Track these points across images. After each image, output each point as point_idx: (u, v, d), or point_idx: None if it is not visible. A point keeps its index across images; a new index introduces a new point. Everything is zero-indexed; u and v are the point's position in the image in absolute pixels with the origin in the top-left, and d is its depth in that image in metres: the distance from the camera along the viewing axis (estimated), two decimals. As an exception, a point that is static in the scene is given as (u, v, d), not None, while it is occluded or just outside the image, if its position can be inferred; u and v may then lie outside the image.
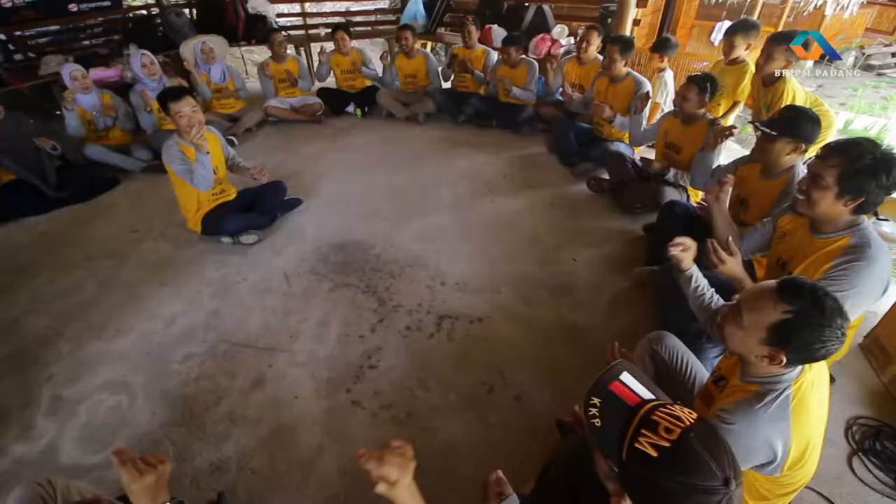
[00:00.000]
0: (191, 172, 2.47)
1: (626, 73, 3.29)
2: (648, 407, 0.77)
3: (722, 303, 1.56)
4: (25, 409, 1.84)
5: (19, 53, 4.51)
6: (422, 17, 5.85)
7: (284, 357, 2.03)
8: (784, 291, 1.01)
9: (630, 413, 0.77)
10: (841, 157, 1.41)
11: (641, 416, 0.75)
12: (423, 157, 3.86)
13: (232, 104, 4.31)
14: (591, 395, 0.81)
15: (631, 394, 0.80)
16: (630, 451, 0.73)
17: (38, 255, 2.72)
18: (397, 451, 0.93)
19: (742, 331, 1.07)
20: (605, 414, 0.79)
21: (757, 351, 1.05)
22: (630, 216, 2.94)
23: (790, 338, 0.99)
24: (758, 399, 1.04)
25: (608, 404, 0.79)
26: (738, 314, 1.08)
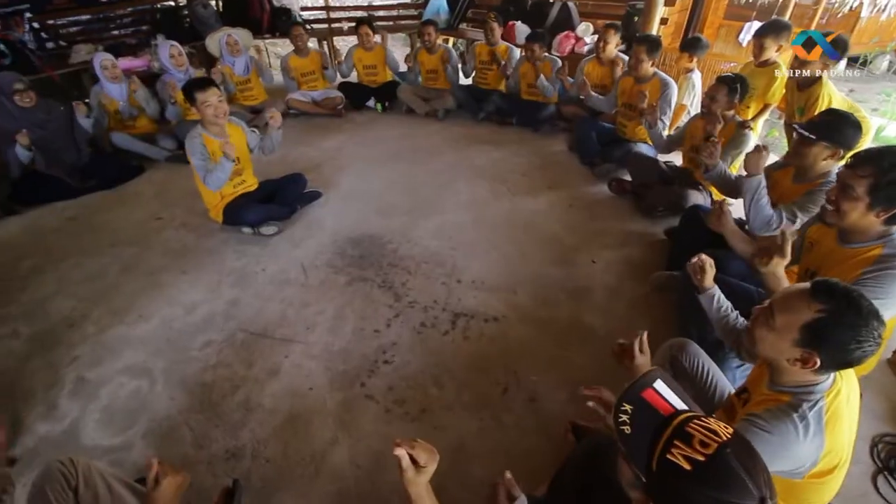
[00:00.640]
0: (206, 169, 2.51)
1: (653, 73, 3.22)
2: (682, 418, 0.75)
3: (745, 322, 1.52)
4: (50, 389, 1.90)
5: (51, 42, 4.63)
6: (445, 12, 5.82)
7: (300, 348, 2.05)
8: (817, 291, 0.99)
9: (662, 423, 0.75)
10: (872, 166, 1.35)
11: (675, 427, 0.73)
12: (442, 153, 3.85)
13: (255, 96, 4.37)
14: (622, 401, 0.79)
15: (664, 403, 0.78)
16: (661, 462, 0.71)
17: (66, 239, 2.80)
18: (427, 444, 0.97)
19: (774, 333, 1.04)
20: (636, 421, 0.77)
21: (789, 354, 1.02)
22: (651, 219, 2.89)
23: (824, 337, 0.96)
24: (792, 409, 1.02)
25: (639, 412, 0.78)
26: (769, 316, 1.05)
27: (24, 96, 2.99)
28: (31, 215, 3.04)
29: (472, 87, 4.59)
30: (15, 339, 2.13)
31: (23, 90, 2.98)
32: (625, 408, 0.79)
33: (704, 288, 1.57)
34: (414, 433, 1.70)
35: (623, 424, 0.78)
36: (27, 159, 3.03)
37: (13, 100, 2.96)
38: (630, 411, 0.78)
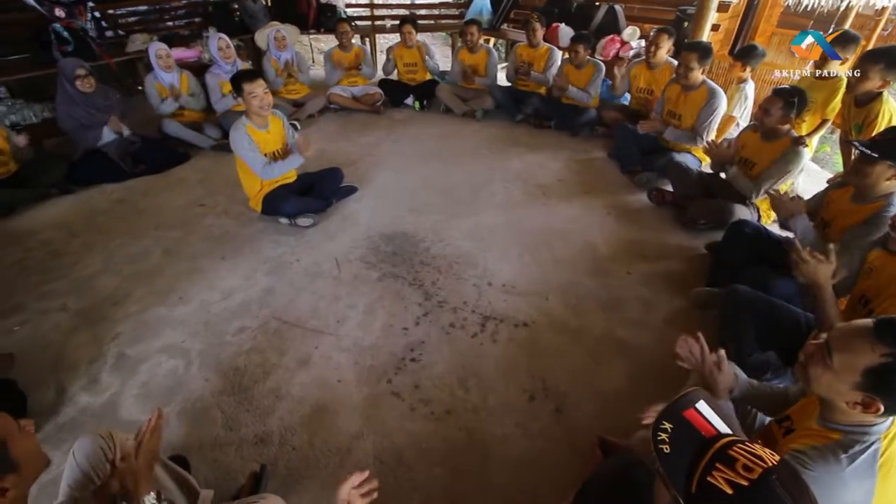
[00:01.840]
0: (261, 161, 2.58)
1: (702, 82, 3.11)
2: (725, 441, 0.72)
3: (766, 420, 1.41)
4: (93, 363, 1.99)
5: (110, 31, 4.85)
6: (488, 12, 5.80)
7: (330, 341, 2.08)
8: (883, 332, 0.91)
9: (704, 444, 0.72)
10: None
11: (717, 450, 0.71)
12: (478, 153, 3.84)
13: (297, 90, 4.46)
14: (662, 419, 0.76)
15: (706, 424, 0.75)
16: (701, 485, 0.68)
17: (115, 220, 2.93)
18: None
19: (831, 373, 0.97)
20: (676, 441, 0.74)
21: (848, 397, 0.95)
22: (692, 232, 2.79)
23: (891, 383, 0.90)
24: (842, 448, 0.95)
25: (680, 431, 0.75)
26: (826, 354, 0.98)
27: (85, 82, 3.15)
28: (84, 195, 3.19)
29: (512, 89, 4.55)
30: (63, 312, 2.24)
31: (84, 76, 3.14)
32: (664, 426, 0.76)
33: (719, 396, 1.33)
34: (438, 433, 1.71)
35: (662, 443, 0.75)
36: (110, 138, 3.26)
37: (75, 85, 3.12)
38: (670, 430, 0.76)
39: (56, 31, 4.14)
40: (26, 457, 0.81)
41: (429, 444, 1.67)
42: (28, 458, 0.81)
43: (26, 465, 0.80)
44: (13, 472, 0.77)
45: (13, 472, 0.77)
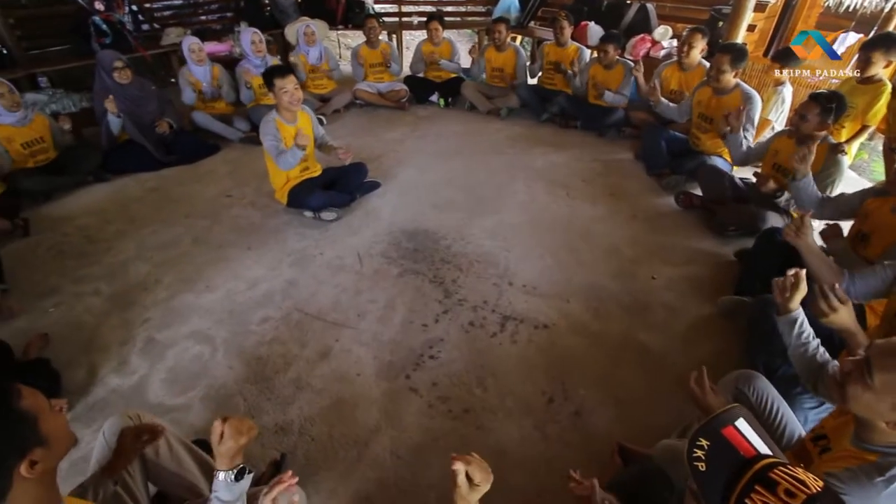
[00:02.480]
0: (278, 150, 2.61)
1: (735, 85, 3.02)
2: (766, 462, 0.69)
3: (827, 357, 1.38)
4: (124, 345, 2.05)
5: (146, 24, 4.99)
6: (516, 10, 5.74)
7: (351, 334, 2.10)
8: None
9: (743, 464, 0.70)
10: None
11: (757, 471, 0.68)
12: (502, 152, 3.81)
13: (324, 85, 4.51)
14: (699, 436, 0.74)
15: (745, 443, 0.73)
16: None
17: (147, 208, 3.02)
18: (484, 463, 0.94)
19: (871, 393, 0.93)
20: (713, 459, 0.72)
21: (889, 416, 0.91)
22: (721, 238, 2.72)
23: None
24: (878, 471, 0.91)
25: (717, 449, 0.72)
26: (866, 373, 0.95)
27: (122, 74, 3.24)
28: (118, 184, 3.30)
29: (538, 87, 4.50)
30: (97, 296, 2.32)
31: (121, 68, 3.24)
32: (701, 443, 0.74)
33: (788, 309, 1.41)
34: (455, 431, 1.71)
35: (697, 460, 0.73)
36: (117, 126, 3.29)
37: (113, 76, 3.22)
38: (707, 447, 0.73)
39: (95, 23, 4.28)
40: (55, 433, 0.84)
41: (446, 442, 1.67)
42: (57, 435, 0.85)
43: (55, 442, 0.84)
44: (42, 447, 0.81)
45: (42, 447, 0.81)
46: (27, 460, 0.78)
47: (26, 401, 0.81)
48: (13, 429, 0.78)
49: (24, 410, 0.80)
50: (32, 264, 2.52)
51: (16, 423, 0.78)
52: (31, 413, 0.81)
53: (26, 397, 0.82)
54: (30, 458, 0.78)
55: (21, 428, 0.79)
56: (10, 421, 0.78)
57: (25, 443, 0.79)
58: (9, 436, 0.77)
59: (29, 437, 0.79)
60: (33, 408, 0.81)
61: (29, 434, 0.79)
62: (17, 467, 0.77)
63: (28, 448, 0.79)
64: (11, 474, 0.77)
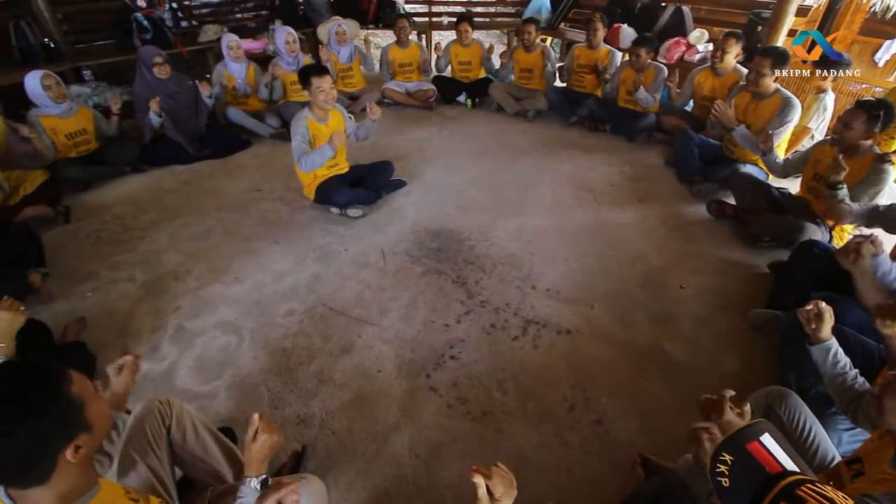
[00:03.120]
0: (303, 151, 2.66)
1: (774, 90, 2.92)
2: (792, 479, 0.67)
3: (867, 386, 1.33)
4: (155, 332, 2.12)
5: (185, 21, 5.14)
6: (546, 11, 5.70)
7: (373, 331, 2.12)
8: None
9: (768, 481, 0.68)
10: None
11: (783, 488, 0.66)
12: (528, 154, 3.79)
13: (354, 83, 4.56)
14: (722, 450, 0.72)
15: (771, 459, 0.71)
16: None
17: (180, 199, 3.12)
18: (506, 473, 0.93)
19: None
20: (736, 475, 0.70)
21: None
22: (754, 249, 2.63)
23: None
24: None
25: (741, 465, 0.70)
26: None
27: (162, 69, 3.35)
28: (154, 175, 3.42)
29: (567, 90, 4.45)
30: (131, 283, 2.40)
31: (161, 63, 3.35)
32: (724, 458, 0.72)
33: (819, 339, 1.39)
34: (474, 433, 1.70)
35: (720, 475, 0.71)
36: (158, 124, 3.41)
37: (152, 71, 3.33)
38: (730, 462, 0.71)
39: (137, 19, 4.44)
40: (98, 419, 0.86)
41: (464, 443, 1.67)
42: (100, 421, 0.87)
43: (97, 427, 0.86)
44: (86, 432, 0.82)
45: (86, 432, 0.82)
46: (72, 445, 0.80)
47: (76, 386, 0.83)
48: (63, 415, 0.79)
49: (73, 396, 0.81)
50: (72, 250, 2.63)
51: (65, 409, 0.80)
52: (79, 399, 0.82)
53: (76, 383, 0.83)
54: (75, 443, 0.80)
55: (70, 414, 0.80)
56: (61, 407, 0.79)
57: (73, 429, 0.80)
58: (58, 421, 0.78)
59: (76, 423, 0.81)
60: (81, 394, 0.83)
61: (76, 420, 0.81)
62: (62, 451, 0.79)
63: (75, 434, 0.80)
64: (56, 458, 0.78)
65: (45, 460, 0.78)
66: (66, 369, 0.85)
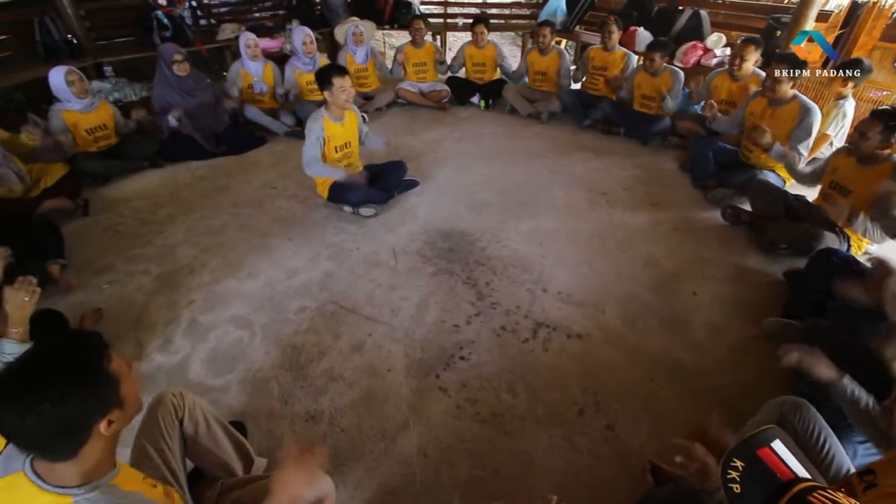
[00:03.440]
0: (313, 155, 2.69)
1: (792, 97, 2.88)
2: (804, 486, 0.67)
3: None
4: (169, 325, 2.15)
5: (203, 19, 5.22)
6: (562, 13, 5.69)
7: (383, 330, 2.13)
8: None
9: (779, 487, 0.68)
10: None
11: (794, 495, 0.66)
12: (541, 156, 3.78)
13: (368, 83, 4.59)
14: (733, 456, 0.72)
15: (782, 465, 0.70)
16: None
17: (196, 195, 3.16)
18: None
19: None
20: (747, 481, 0.70)
21: None
22: (770, 257, 2.60)
23: None
24: None
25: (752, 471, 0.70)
26: None
27: (181, 66, 3.40)
28: (171, 170, 3.47)
29: (581, 92, 4.43)
30: (146, 276, 2.44)
31: (180, 61, 3.40)
32: (735, 464, 0.72)
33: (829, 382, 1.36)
34: (483, 435, 1.70)
35: (732, 482, 0.71)
36: (174, 125, 3.47)
37: (172, 68, 3.39)
38: (741, 468, 0.71)
39: (158, 17, 4.52)
40: (131, 398, 0.91)
41: (473, 445, 1.67)
42: (132, 399, 0.91)
43: (129, 405, 0.90)
44: (119, 408, 0.87)
45: (119, 408, 0.87)
46: (106, 419, 0.84)
47: (114, 364, 0.87)
48: (101, 388, 0.84)
49: (111, 372, 0.86)
50: (90, 242, 2.68)
51: (104, 384, 0.84)
52: (116, 376, 0.87)
53: (114, 360, 0.88)
54: (108, 417, 0.84)
55: (107, 388, 0.85)
56: (100, 381, 0.84)
57: (109, 403, 0.85)
58: (98, 395, 0.83)
59: (112, 398, 0.85)
60: (118, 370, 0.88)
61: (112, 395, 0.85)
62: (97, 424, 0.83)
63: (110, 408, 0.85)
64: (91, 430, 0.82)
65: (82, 430, 0.82)
66: (108, 347, 0.89)
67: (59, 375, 0.79)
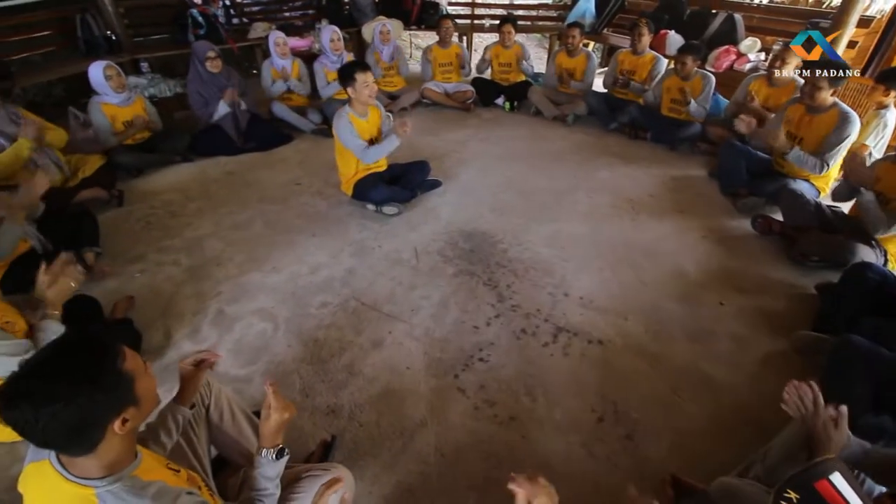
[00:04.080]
0: (359, 145, 2.70)
1: (832, 104, 2.78)
2: None
3: None
4: (196, 315, 2.21)
5: (236, 18, 5.33)
6: (591, 15, 5.61)
7: (403, 328, 2.14)
8: None
9: None
10: None
11: None
12: (565, 159, 3.74)
13: (394, 83, 4.62)
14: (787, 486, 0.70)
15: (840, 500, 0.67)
16: None
17: (224, 189, 3.24)
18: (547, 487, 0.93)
19: None
20: None
21: None
22: (801, 269, 2.52)
23: None
24: None
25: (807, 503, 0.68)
26: None
27: (214, 63, 3.49)
28: (201, 165, 3.56)
29: (608, 96, 4.38)
30: (176, 266, 2.51)
31: (213, 58, 3.49)
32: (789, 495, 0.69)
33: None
34: (500, 437, 1.70)
35: None
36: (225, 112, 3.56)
37: (205, 65, 3.48)
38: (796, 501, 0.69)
39: (192, 15, 4.63)
40: (146, 395, 0.91)
41: (490, 447, 1.66)
42: (147, 397, 0.91)
43: (145, 403, 0.90)
44: (135, 406, 0.87)
45: (135, 406, 0.87)
46: (120, 418, 0.84)
47: (128, 362, 0.87)
48: (115, 388, 0.84)
49: (125, 371, 0.86)
50: (123, 232, 2.77)
51: (117, 383, 0.84)
52: (130, 374, 0.87)
53: (129, 359, 0.88)
54: (123, 416, 0.84)
55: (121, 388, 0.85)
56: (113, 380, 0.83)
57: (123, 402, 0.85)
58: (111, 394, 0.83)
59: (126, 397, 0.85)
60: (133, 369, 0.88)
61: (127, 394, 0.85)
62: (112, 423, 0.83)
63: (124, 407, 0.85)
64: (106, 429, 0.83)
65: (95, 430, 0.82)
66: (121, 346, 0.89)
67: (71, 376, 0.79)
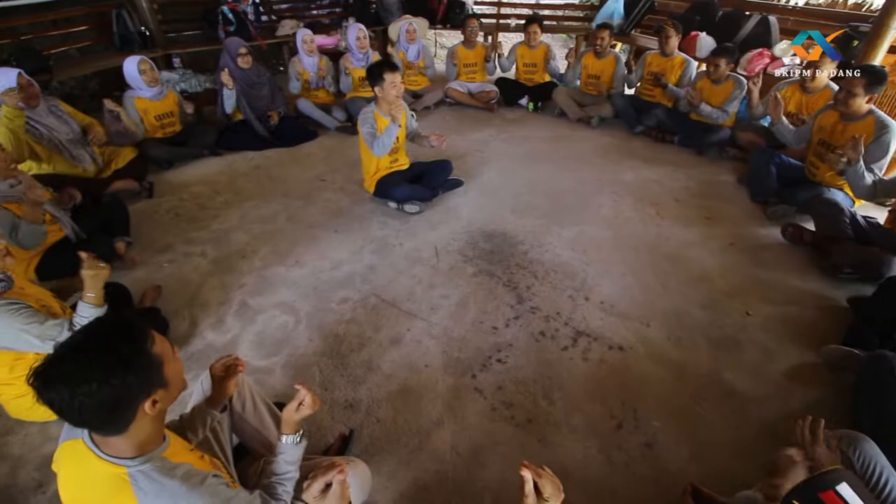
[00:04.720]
0: (373, 136, 2.72)
1: (868, 112, 2.68)
2: None
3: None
4: (221, 306, 2.26)
5: (265, 15, 5.42)
6: (619, 16, 5.53)
7: (422, 326, 2.15)
8: None
9: None
10: None
11: None
12: (589, 162, 3.70)
13: (418, 82, 4.64)
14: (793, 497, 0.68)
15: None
16: None
17: (251, 183, 3.30)
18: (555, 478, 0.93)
19: None
20: None
21: None
22: (833, 281, 2.43)
23: None
24: None
25: None
26: None
27: (245, 60, 3.56)
28: (228, 159, 3.64)
29: (635, 98, 4.31)
30: (203, 258, 2.57)
31: (245, 54, 3.56)
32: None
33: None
34: (516, 439, 1.69)
35: None
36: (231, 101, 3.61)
37: (237, 61, 3.55)
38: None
39: (223, 12, 4.73)
40: (174, 378, 0.95)
41: (506, 448, 1.66)
42: (175, 380, 0.96)
43: (173, 385, 0.95)
44: (164, 388, 0.91)
45: (164, 388, 0.91)
46: (150, 399, 0.88)
47: (157, 346, 0.91)
48: (145, 370, 0.88)
49: (155, 354, 0.90)
50: (153, 223, 2.85)
51: (148, 365, 0.88)
52: (159, 357, 0.91)
53: (157, 343, 0.92)
54: (153, 397, 0.88)
55: (151, 370, 0.89)
56: (144, 362, 0.87)
57: (152, 383, 0.89)
58: (142, 376, 0.87)
59: (156, 379, 0.89)
60: (162, 352, 0.92)
61: (156, 376, 0.89)
62: (143, 404, 0.87)
63: (154, 388, 0.89)
64: (137, 409, 0.87)
65: (128, 409, 0.86)
66: (151, 329, 0.93)
67: (105, 357, 0.83)
